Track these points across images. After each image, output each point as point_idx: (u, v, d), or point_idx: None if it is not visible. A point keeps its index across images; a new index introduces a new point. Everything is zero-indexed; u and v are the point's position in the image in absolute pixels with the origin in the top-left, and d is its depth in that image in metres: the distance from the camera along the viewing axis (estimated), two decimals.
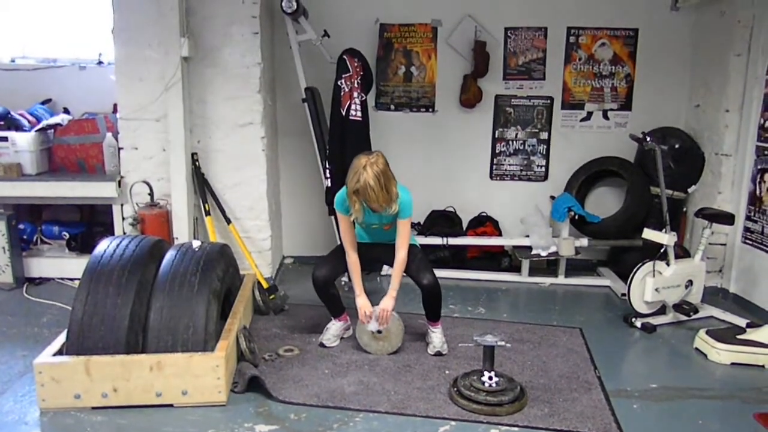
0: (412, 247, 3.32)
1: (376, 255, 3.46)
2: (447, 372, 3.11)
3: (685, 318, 3.83)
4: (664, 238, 3.73)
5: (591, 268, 4.96)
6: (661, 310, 3.89)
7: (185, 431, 2.56)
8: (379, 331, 3.27)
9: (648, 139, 3.79)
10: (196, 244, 3.23)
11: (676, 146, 4.03)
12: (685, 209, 4.64)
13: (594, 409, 2.79)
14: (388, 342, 3.30)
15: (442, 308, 3.38)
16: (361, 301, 3.29)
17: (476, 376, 2.87)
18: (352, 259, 3.32)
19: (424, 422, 2.66)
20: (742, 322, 3.75)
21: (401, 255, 3.22)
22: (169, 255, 3.12)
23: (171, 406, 2.72)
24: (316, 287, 3.34)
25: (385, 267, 4.69)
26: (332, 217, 4.41)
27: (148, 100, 4.09)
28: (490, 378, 2.82)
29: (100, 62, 4.88)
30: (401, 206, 3.14)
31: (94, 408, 2.68)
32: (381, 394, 2.89)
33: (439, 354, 3.30)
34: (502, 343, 2.83)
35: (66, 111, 4.78)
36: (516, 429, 2.62)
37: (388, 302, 3.22)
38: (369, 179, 2.95)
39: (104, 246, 3.06)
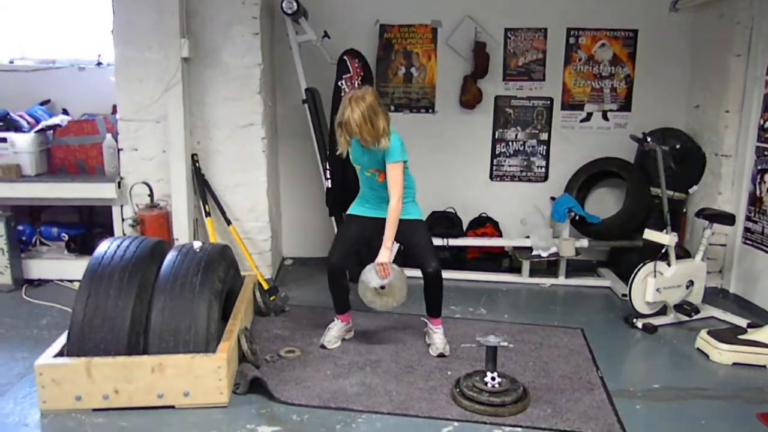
0: (418, 225, 3.27)
1: (376, 235, 3.30)
2: (449, 373, 3.10)
3: (686, 318, 3.82)
4: (665, 238, 3.73)
5: (591, 269, 4.96)
6: (662, 311, 3.89)
7: None
8: (382, 287, 3.21)
9: (649, 139, 3.80)
10: (197, 245, 3.22)
11: (677, 146, 4.04)
12: (685, 210, 4.65)
13: (597, 409, 2.79)
14: (392, 296, 3.24)
15: (443, 309, 3.37)
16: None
17: (479, 376, 2.86)
18: None
19: (427, 423, 2.65)
20: (742, 322, 3.75)
21: (392, 202, 3.11)
22: (170, 256, 3.11)
23: (173, 407, 2.71)
24: (329, 272, 3.29)
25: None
26: (333, 218, 4.41)
27: (147, 101, 4.08)
28: (493, 378, 2.81)
29: (99, 63, 4.87)
30: (389, 149, 3.08)
31: (95, 410, 2.67)
32: (383, 394, 2.88)
33: (441, 355, 3.29)
34: (505, 343, 2.82)
35: (65, 112, 4.77)
36: (519, 429, 2.61)
37: (383, 255, 3.14)
38: (352, 113, 2.95)
39: (105, 247, 3.05)
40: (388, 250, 3.15)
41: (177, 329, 2.81)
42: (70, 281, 4.26)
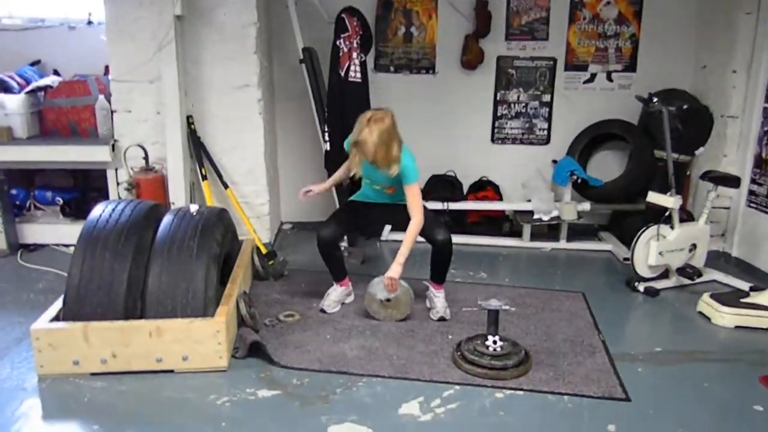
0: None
1: (376, 216, 3.40)
2: (450, 337, 3.08)
3: (688, 282, 3.80)
4: (670, 201, 3.67)
5: (592, 233, 4.92)
6: (664, 274, 3.86)
7: (186, 397, 2.53)
8: (388, 300, 3.22)
9: (654, 100, 3.71)
10: (193, 208, 3.16)
11: (684, 107, 3.94)
12: (688, 172, 4.58)
13: (599, 372, 2.77)
14: (397, 310, 3.25)
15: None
16: (317, 188, 3.48)
17: (480, 340, 2.84)
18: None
19: (428, 386, 2.63)
20: (745, 285, 3.72)
21: (414, 221, 3.12)
22: (167, 219, 3.05)
23: (172, 371, 2.68)
24: (320, 248, 3.27)
25: (385, 231, 4.64)
26: None
27: (140, 61, 3.97)
28: (495, 342, 2.79)
29: (90, 22, 4.72)
30: (403, 171, 3.07)
31: (93, 374, 2.64)
32: (384, 358, 2.86)
33: (442, 319, 3.26)
34: (507, 307, 2.79)
35: (56, 73, 4.64)
36: (521, 393, 2.60)
37: (394, 270, 3.13)
38: (370, 134, 2.92)
39: (99, 210, 2.99)
40: (400, 267, 3.13)
41: (174, 293, 2.77)
42: (66, 246, 4.20)
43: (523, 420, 2.42)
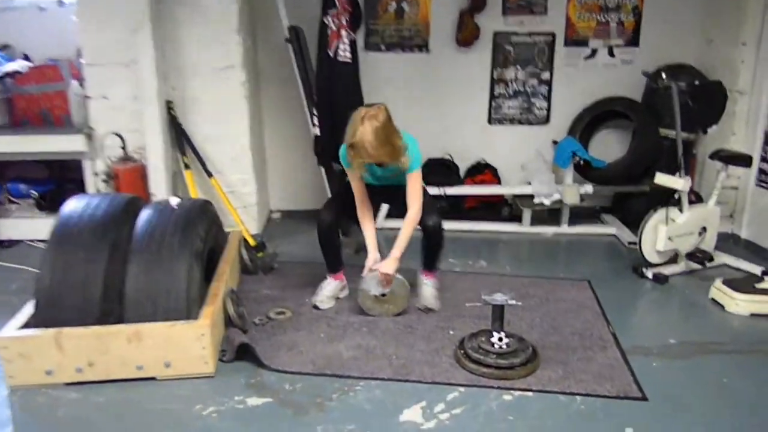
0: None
1: (377, 198, 3.19)
2: (452, 332, 2.90)
3: (697, 267, 3.63)
4: (679, 183, 3.49)
5: (594, 216, 4.74)
6: (672, 259, 3.69)
7: (169, 408, 2.34)
8: (383, 294, 3.03)
9: (663, 75, 3.50)
10: (174, 201, 2.95)
11: (696, 83, 3.74)
12: (694, 151, 4.39)
13: (611, 368, 2.60)
14: (394, 304, 3.06)
15: (441, 262, 3.16)
16: (372, 256, 3.05)
17: (484, 336, 2.66)
18: (366, 219, 3.08)
19: (430, 389, 2.45)
20: (756, 269, 3.56)
21: (412, 211, 2.94)
22: (145, 214, 2.83)
23: (154, 379, 2.49)
24: (320, 234, 3.08)
25: (380, 219, 4.43)
26: (322, 168, 4.12)
27: (115, 43, 3.72)
28: (500, 339, 2.61)
29: (61, 2, 4.43)
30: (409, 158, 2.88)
31: (68, 384, 2.45)
32: (382, 358, 2.67)
33: (428, 309, 3.10)
34: (513, 301, 2.60)
35: (26, 57, 4.35)
36: (530, 394, 2.42)
37: (390, 265, 2.95)
38: (366, 134, 2.69)
39: (72, 206, 2.79)
40: (396, 262, 2.96)
41: (155, 295, 2.57)
42: (42, 242, 3.95)
43: (533, 426, 2.24)
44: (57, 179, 4.36)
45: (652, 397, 2.39)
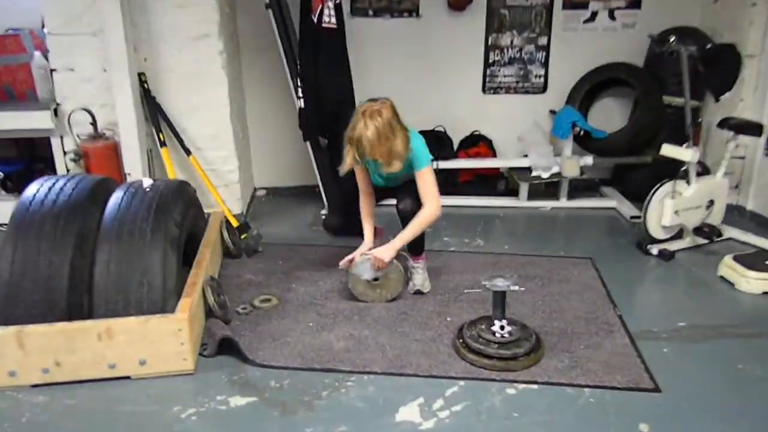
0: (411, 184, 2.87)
1: (382, 195, 3.05)
2: (449, 319, 2.72)
3: (704, 242, 3.46)
4: (687, 154, 3.30)
5: (593, 189, 4.56)
6: (678, 234, 3.51)
7: (144, 410, 2.15)
8: (376, 279, 2.84)
9: (672, 39, 3.27)
10: (147, 182, 2.72)
11: (708, 47, 3.50)
12: (700, 120, 4.19)
13: (620, 356, 2.44)
14: (387, 288, 2.87)
15: (435, 242, 2.98)
16: (367, 243, 2.91)
17: (484, 324, 2.48)
18: (366, 206, 2.95)
19: (428, 383, 2.28)
20: (765, 243, 3.40)
21: (425, 210, 2.75)
22: (115, 197, 2.61)
23: (128, 378, 2.30)
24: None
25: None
26: (308, 143, 3.88)
27: (79, 9, 3.42)
28: (502, 327, 2.43)
29: None
30: (413, 156, 2.70)
31: (34, 386, 2.25)
32: (375, 349, 2.49)
33: (419, 293, 2.94)
34: (516, 287, 2.41)
35: None
36: (535, 386, 2.26)
37: (386, 252, 2.77)
38: (365, 131, 2.55)
39: (34, 189, 2.56)
40: (393, 251, 2.78)
41: (126, 287, 2.35)
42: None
43: (540, 423, 2.07)
44: (26, 158, 4.09)
45: (665, 388, 2.23)
